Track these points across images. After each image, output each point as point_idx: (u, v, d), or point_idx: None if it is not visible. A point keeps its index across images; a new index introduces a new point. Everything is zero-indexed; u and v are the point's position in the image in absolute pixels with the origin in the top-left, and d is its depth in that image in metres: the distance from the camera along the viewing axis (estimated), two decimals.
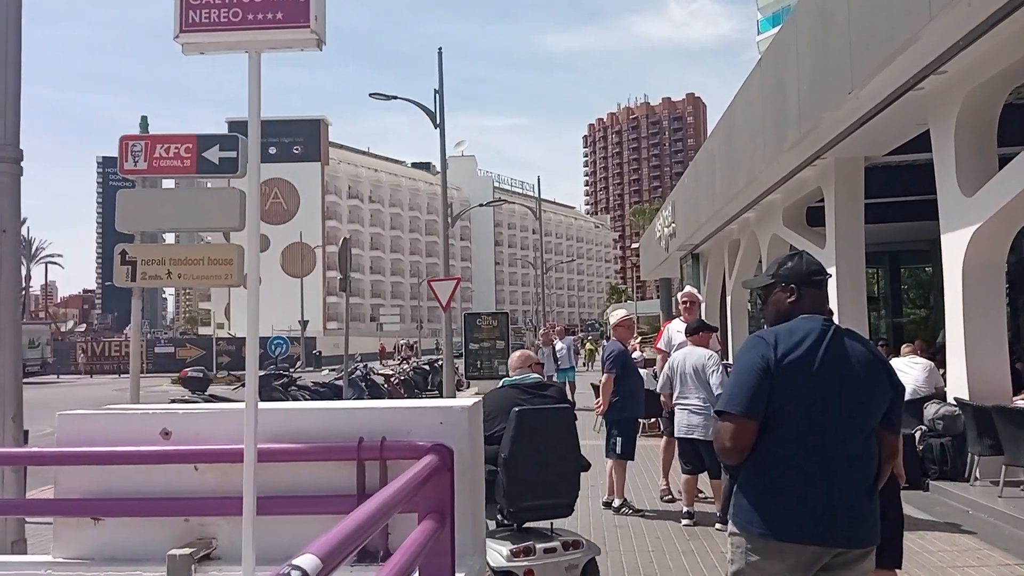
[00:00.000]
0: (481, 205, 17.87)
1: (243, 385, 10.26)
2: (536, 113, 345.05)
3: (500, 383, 5.01)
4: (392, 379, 16.23)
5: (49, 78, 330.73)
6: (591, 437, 11.30)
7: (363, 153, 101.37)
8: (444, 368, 17.59)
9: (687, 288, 8.67)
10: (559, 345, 16.33)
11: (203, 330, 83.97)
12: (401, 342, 57.67)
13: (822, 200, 12.89)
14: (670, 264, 25.57)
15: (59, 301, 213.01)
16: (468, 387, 23.15)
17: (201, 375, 10.24)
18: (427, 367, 21.79)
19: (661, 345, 8.19)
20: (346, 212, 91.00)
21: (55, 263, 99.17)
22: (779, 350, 2.43)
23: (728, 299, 18.29)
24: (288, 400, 9.99)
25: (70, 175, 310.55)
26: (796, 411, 2.41)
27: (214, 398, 10.32)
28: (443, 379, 17.59)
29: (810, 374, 2.41)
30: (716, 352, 6.76)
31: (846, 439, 2.42)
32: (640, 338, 25.58)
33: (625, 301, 79.83)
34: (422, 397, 19.71)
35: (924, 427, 7.56)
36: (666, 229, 22.26)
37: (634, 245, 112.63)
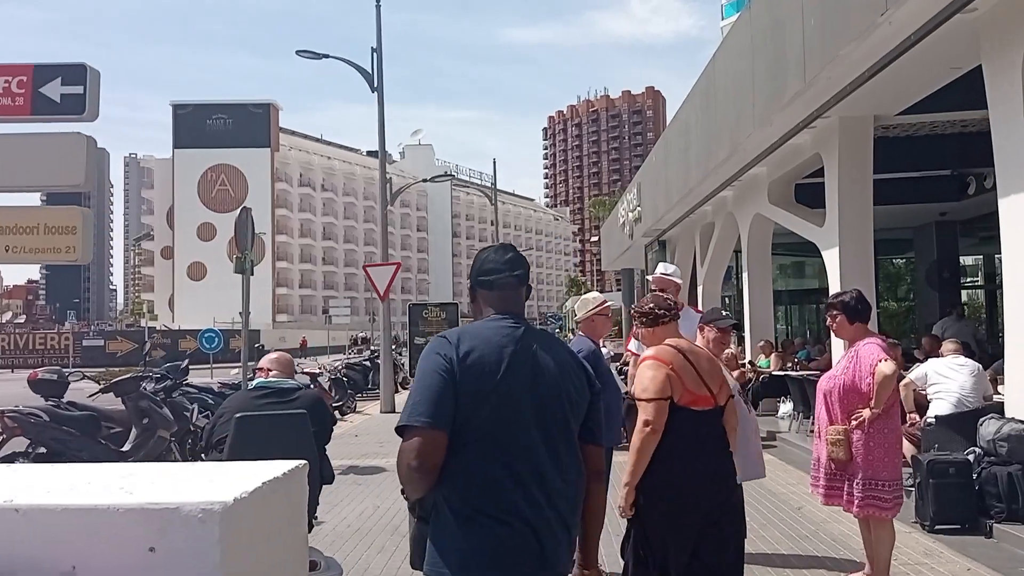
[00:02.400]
0: (425, 180, 15.93)
1: (105, 390, 8.11)
2: (496, 106, 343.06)
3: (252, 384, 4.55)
4: (319, 377, 14.12)
5: None
6: None
7: (316, 140, 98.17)
8: (382, 366, 15.54)
9: (660, 268, 6.01)
10: None
11: (153, 323, 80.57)
12: (359, 335, 55.40)
13: (811, 176, 11.22)
14: (634, 253, 23.79)
15: (2, 292, 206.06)
16: None
17: (55, 377, 8.03)
18: (367, 363, 19.66)
19: (632, 347, 6.07)
20: (297, 200, 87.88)
21: (63, 264, 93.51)
22: (462, 349, 2.15)
23: (700, 290, 16.53)
24: (161, 411, 7.85)
25: None
26: (484, 423, 2.12)
27: (73, 406, 8.16)
28: (381, 376, 15.54)
29: (497, 378, 2.14)
30: (731, 355, 4.93)
31: (543, 454, 2.15)
32: None
33: (585, 293, 78.21)
34: (359, 399, 17.62)
35: (980, 450, 5.77)
36: (630, 214, 20.46)
37: (593, 238, 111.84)
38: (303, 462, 1.75)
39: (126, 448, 7.81)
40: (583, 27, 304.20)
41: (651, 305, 3.59)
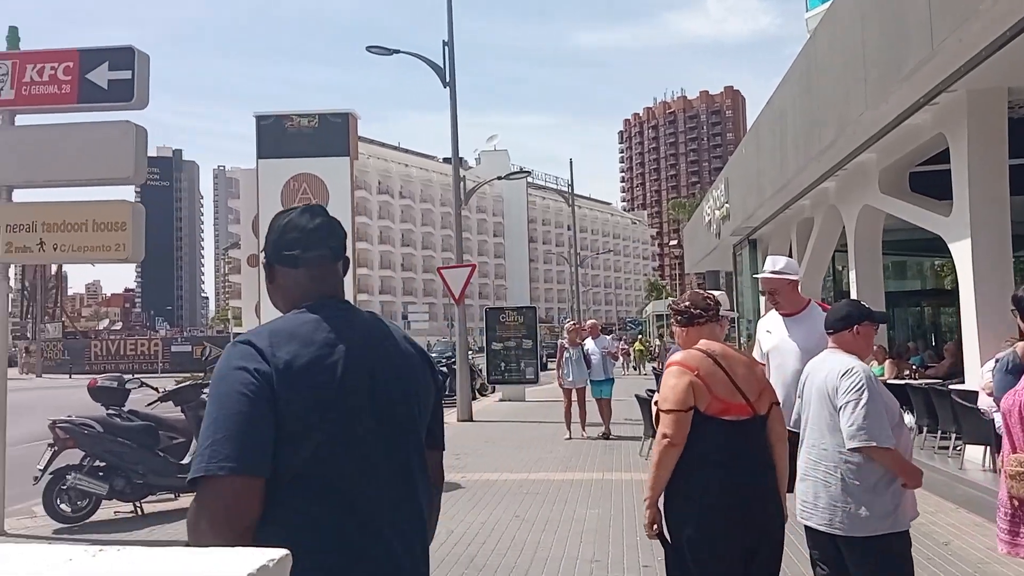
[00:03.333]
0: (500, 178, 15.36)
1: (164, 398, 7.68)
2: (570, 112, 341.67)
3: None
4: None
5: None
6: (637, 468, 8.54)
7: (393, 148, 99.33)
8: (458, 372, 14.93)
9: (769, 263, 4.84)
10: (591, 347, 11.90)
11: (239, 329, 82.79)
12: (428, 341, 55.57)
13: (929, 162, 10.05)
14: (720, 254, 22.59)
15: (101, 300, 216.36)
16: (492, 392, 20.52)
17: (115, 385, 7.65)
18: (444, 369, 19.13)
19: (755, 354, 5.11)
20: (376, 207, 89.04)
21: (111, 263, 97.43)
22: (279, 356, 1.59)
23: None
24: None
25: None
26: (316, 455, 1.58)
27: (134, 415, 7.77)
28: (457, 383, 14.93)
29: (332, 391, 1.61)
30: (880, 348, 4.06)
31: (395, 484, 1.67)
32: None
33: (667, 298, 76.53)
34: None
35: None
36: (717, 212, 19.34)
37: (672, 241, 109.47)
38: (286, 552, 1.04)
39: (186, 460, 7.34)
40: (657, 29, 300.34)
41: (687, 303, 3.24)
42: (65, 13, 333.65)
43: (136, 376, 7.94)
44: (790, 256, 16.96)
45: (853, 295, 12.15)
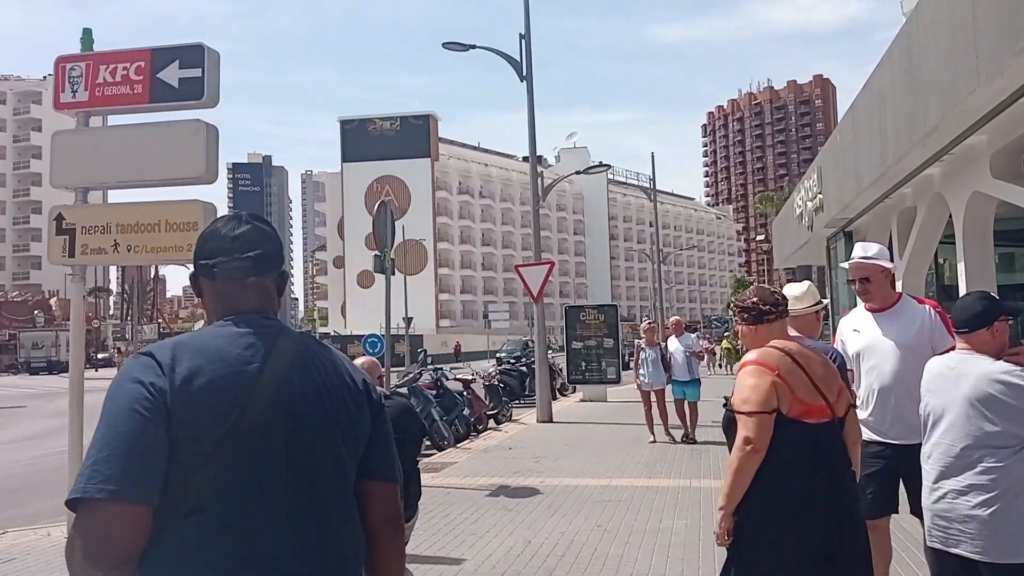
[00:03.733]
0: (579, 172, 14.87)
1: None
2: (652, 107, 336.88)
3: None
4: (472, 384, 13.38)
5: None
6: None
7: (473, 148, 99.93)
8: (537, 372, 14.61)
9: (858, 249, 4.36)
10: (674, 346, 11.28)
11: (324, 329, 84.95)
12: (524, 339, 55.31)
13: None
14: (813, 247, 21.54)
15: (197, 302, 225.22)
16: (572, 392, 20.14)
17: None
18: (524, 368, 18.88)
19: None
20: (457, 207, 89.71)
21: (180, 263, 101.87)
22: (178, 371, 1.44)
23: (899, 286, 14.41)
24: None
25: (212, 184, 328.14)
26: (214, 484, 1.41)
27: None
28: (536, 383, 14.62)
29: (235, 413, 1.44)
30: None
31: (305, 519, 1.49)
32: None
33: None
34: (515, 406, 16.80)
35: None
36: (809, 203, 18.40)
37: (759, 236, 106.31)
38: None
39: None
40: (742, 20, 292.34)
41: (754, 299, 2.99)
42: (160, 31, 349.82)
43: None
44: (888, 248, 15.99)
45: (962, 290, 11.25)
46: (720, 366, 28.66)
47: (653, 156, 26.20)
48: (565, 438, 11.82)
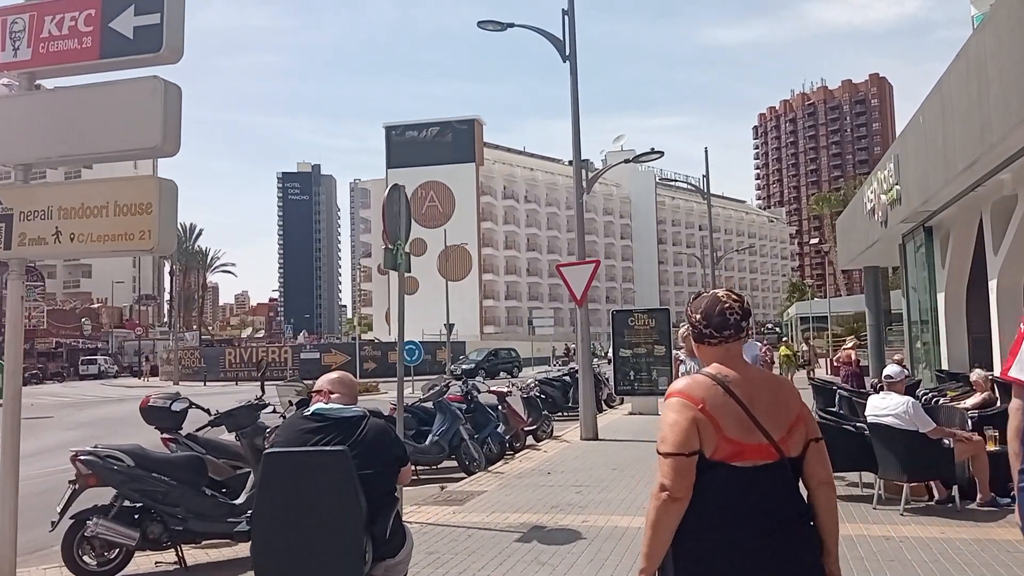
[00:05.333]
0: (628, 161, 13.40)
1: (215, 422, 6.34)
2: (701, 111, 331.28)
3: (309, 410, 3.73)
4: (508, 397, 11.99)
5: (238, 104, 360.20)
6: None
7: (518, 153, 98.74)
8: (581, 382, 13.17)
9: None
10: None
11: (368, 335, 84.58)
12: (570, 344, 53.93)
13: None
14: (884, 246, 19.70)
15: (248, 309, 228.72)
16: (620, 404, 18.61)
17: (168, 405, 6.39)
18: (567, 378, 17.43)
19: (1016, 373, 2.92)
20: (502, 213, 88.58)
21: (228, 271, 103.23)
22: None
23: (993, 285, 12.62)
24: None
25: (261, 192, 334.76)
26: None
27: (191, 440, 6.52)
28: (580, 395, 13.17)
29: None
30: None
31: None
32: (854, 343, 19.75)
33: (812, 299, 71.66)
34: (558, 419, 15.36)
35: None
36: (884, 196, 16.63)
37: (813, 240, 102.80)
38: None
39: (241, 500, 5.98)
40: (795, 21, 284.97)
41: (698, 315, 2.43)
42: (211, 45, 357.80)
43: (185, 396, 6.63)
44: (977, 244, 14.17)
45: None
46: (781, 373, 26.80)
47: (707, 151, 24.58)
48: (612, 460, 10.36)
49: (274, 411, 7.44)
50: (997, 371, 11.53)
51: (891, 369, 7.24)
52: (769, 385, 2.39)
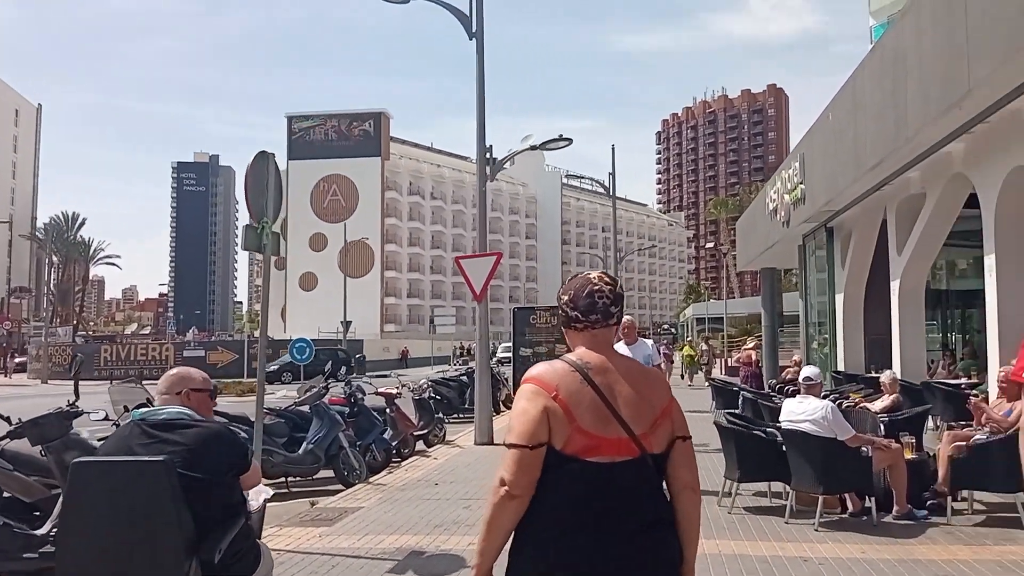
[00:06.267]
0: (534, 148, 12.69)
1: (15, 433, 5.16)
2: (608, 115, 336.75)
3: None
4: (398, 399, 11.00)
5: (137, 91, 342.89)
6: (719, 529, 5.73)
7: (426, 148, 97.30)
8: (477, 383, 12.30)
9: None
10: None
11: (248, 333, 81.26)
12: (467, 344, 52.77)
13: None
14: (783, 248, 19.71)
15: (136, 305, 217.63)
16: None
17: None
18: (464, 378, 16.55)
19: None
20: (407, 209, 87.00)
21: (113, 264, 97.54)
22: None
23: (895, 286, 12.49)
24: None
25: (158, 183, 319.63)
26: None
27: None
28: (476, 396, 12.30)
29: None
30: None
31: None
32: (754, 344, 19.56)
33: (709, 300, 73.25)
34: (454, 421, 14.45)
35: None
36: (787, 195, 16.47)
37: (709, 244, 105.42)
38: None
39: (45, 528, 4.81)
40: (698, 30, 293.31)
41: (566, 297, 2.27)
42: (111, 28, 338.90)
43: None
44: (878, 245, 14.10)
45: (991, 290, 9.28)
46: (682, 376, 26.56)
47: (614, 148, 24.21)
48: None
49: (107, 418, 6.30)
50: (897, 372, 11.34)
51: (810, 370, 6.66)
52: (635, 376, 2.16)
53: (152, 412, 3.36)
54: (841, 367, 15.61)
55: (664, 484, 2.15)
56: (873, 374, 13.70)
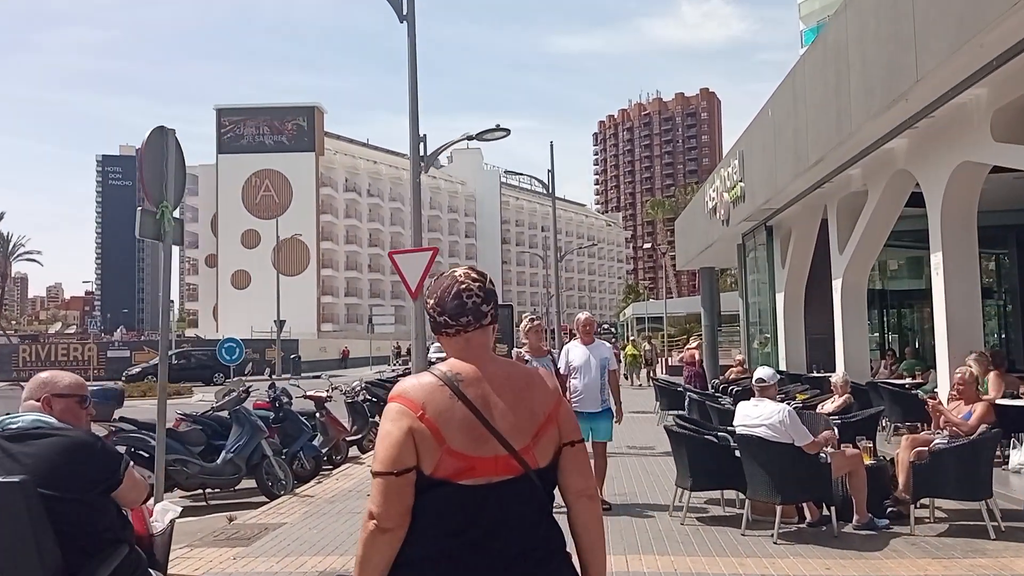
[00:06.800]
0: (471, 137, 12.26)
1: None
2: (545, 115, 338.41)
3: None
4: (328, 402, 10.37)
5: (60, 82, 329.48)
6: (672, 545, 5.30)
7: (362, 144, 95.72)
8: None
9: None
10: (581, 359, 7.33)
11: (192, 331, 78.66)
12: (405, 344, 51.94)
13: None
14: (723, 247, 19.66)
15: (61, 303, 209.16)
16: None
17: None
18: (401, 378, 15.93)
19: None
20: (343, 206, 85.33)
21: (34, 260, 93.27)
22: None
23: (838, 284, 12.40)
24: None
25: (83, 177, 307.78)
26: None
27: None
28: None
29: None
30: None
31: None
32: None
33: (648, 300, 73.78)
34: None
35: None
36: (727, 194, 16.36)
37: (646, 245, 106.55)
38: None
39: None
40: (632, 34, 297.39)
41: (432, 300, 2.00)
42: (32, 14, 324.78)
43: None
44: (818, 243, 14.05)
45: (938, 289, 9.17)
46: (626, 377, 26.24)
47: (552, 145, 23.85)
48: None
49: None
50: (840, 371, 11.22)
51: (764, 372, 6.31)
52: (515, 383, 1.95)
53: (8, 421, 2.95)
54: (783, 367, 15.54)
55: (557, 501, 1.94)
56: (816, 374, 13.60)
